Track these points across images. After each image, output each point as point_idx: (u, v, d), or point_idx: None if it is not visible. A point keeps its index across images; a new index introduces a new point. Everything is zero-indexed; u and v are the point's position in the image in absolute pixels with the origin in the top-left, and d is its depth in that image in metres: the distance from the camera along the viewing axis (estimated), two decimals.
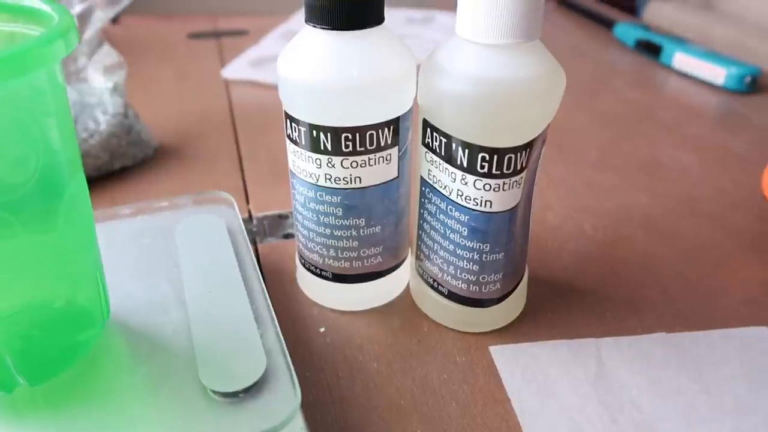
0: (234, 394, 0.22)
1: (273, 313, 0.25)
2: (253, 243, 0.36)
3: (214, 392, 0.22)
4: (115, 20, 0.71)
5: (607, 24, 0.76)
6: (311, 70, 0.24)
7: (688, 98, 0.58)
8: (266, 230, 0.37)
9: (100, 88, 0.41)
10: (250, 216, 0.38)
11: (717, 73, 0.59)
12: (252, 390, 0.22)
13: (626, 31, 0.71)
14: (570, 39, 0.75)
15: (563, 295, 0.32)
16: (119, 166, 0.42)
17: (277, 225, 0.38)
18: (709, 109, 0.56)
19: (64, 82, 0.21)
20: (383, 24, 0.25)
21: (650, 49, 0.67)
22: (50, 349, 0.22)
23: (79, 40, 0.19)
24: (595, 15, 0.79)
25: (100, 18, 0.40)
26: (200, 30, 0.75)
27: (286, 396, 0.22)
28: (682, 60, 0.63)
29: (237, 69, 0.60)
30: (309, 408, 0.25)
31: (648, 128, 0.52)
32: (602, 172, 0.44)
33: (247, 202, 0.40)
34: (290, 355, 0.23)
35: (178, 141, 0.48)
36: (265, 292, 0.26)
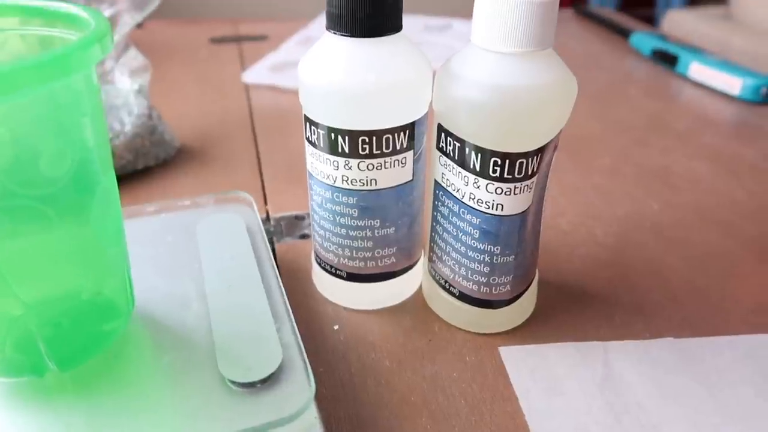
0: (251, 385, 0.23)
1: (289, 308, 0.26)
2: (271, 242, 0.37)
3: (232, 382, 0.23)
4: (140, 25, 0.73)
5: (624, 33, 0.76)
6: (331, 75, 0.25)
7: (703, 108, 0.59)
8: (283, 230, 0.38)
9: (125, 89, 0.43)
10: (268, 216, 0.40)
11: (733, 84, 0.59)
12: (268, 381, 0.23)
13: (643, 40, 0.71)
14: (587, 48, 0.76)
15: (573, 299, 0.33)
16: (142, 166, 0.43)
17: (294, 225, 0.39)
18: (724, 119, 0.57)
19: (98, 84, 0.22)
20: (401, 32, 0.26)
21: (666, 59, 0.67)
22: (78, 337, 0.23)
23: (114, 44, 0.20)
24: (612, 24, 0.80)
25: (127, 22, 0.41)
26: (222, 35, 0.77)
27: (300, 387, 0.23)
28: (698, 70, 0.63)
29: (257, 73, 0.61)
30: (322, 402, 0.26)
31: (662, 137, 0.52)
32: (615, 180, 0.45)
33: (265, 202, 0.41)
34: (305, 351, 0.24)
35: (199, 142, 0.49)
36: (282, 288, 0.27)
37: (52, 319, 0.23)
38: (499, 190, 0.25)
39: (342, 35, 0.25)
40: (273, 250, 0.36)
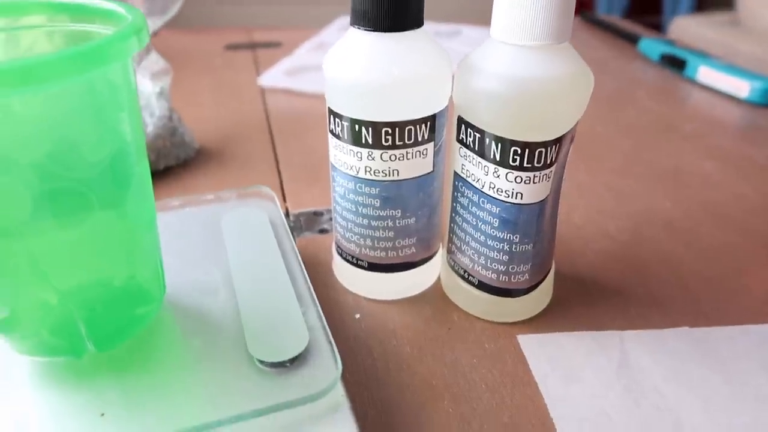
0: (280, 364, 0.23)
1: (314, 294, 0.27)
2: (290, 231, 0.38)
3: (262, 362, 0.23)
4: (154, 34, 0.74)
5: (632, 39, 0.77)
6: (355, 68, 0.26)
7: (712, 110, 0.59)
8: (303, 225, 0.39)
9: (147, 92, 0.44)
10: (287, 213, 0.40)
11: (740, 87, 0.60)
12: (296, 361, 0.24)
13: (651, 45, 0.72)
14: (595, 54, 0.77)
15: (588, 291, 0.33)
16: (164, 166, 0.44)
17: (313, 221, 0.39)
18: (732, 122, 0.57)
19: (134, 77, 0.23)
20: (422, 27, 0.27)
21: (675, 63, 0.68)
22: (113, 320, 0.24)
23: (149, 37, 0.21)
24: (619, 31, 0.81)
25: (149, 26, 0.42)
26: (236, 42, 0.79)
27: (327, 366, 0.23)
28: (706, 73, 0.64)
29: (273, 77, 0.63)
30: (347, 386, 0.26)
31: (671, 139, 0.53)
32: (625, 179, 0.46)
33: (284, 199, 0.42)
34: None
35: (217, 144, 0.50)
36: (306, 275, 0.28)
37: (87, 304, 0.23)
38: (518, 179, 0.26)
39: (366, 30, 0.26)
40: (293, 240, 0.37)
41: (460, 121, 0.27)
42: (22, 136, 0.19)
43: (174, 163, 0.45)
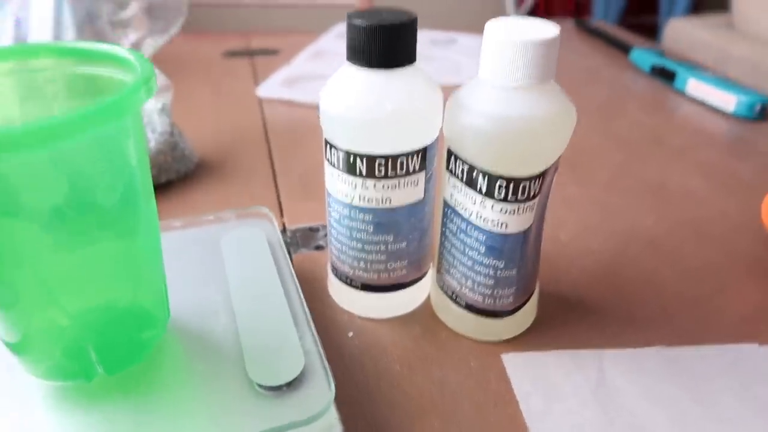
0: (277, 388, 0.25)
1: (310, 317, 0.29)
2: (287, 253, 0.39)
3: (260, 386, 0.25)
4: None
5: (624, 48, 0.78)
6: (350, 103, 0.28)
7: (700, 124, 0.61)
8: (299, 242, 0.40)
9: (149, 108, 0.45)
10: (284, 228, 0.42)
11: (728, 100, 0.61)
12: (292, 384, 0.25)
13: (642, 56, 0.73)
14: (587, 62, 0.78)
15: (571, 310, 0.35)
16: (164, 180, 0.46)
17: (309, 237, 0.41)
18: (719, 135, 0.59)
19: (141, 114, 0.25)
20: (415, 63, 0.28)
21: (665, 75, 0.69)
22: (121, 344, 0.26)
23: (154, 88, 0.23)
24: (612, 39, 0.82)
25: (151, 45, 0.43)
26: (234, 49, 0.80)
27: (322, 390, 0.25)
28: (695, 86, 0.65)
29: (270, 88, 0.64)
30: (340, 403, 0.28)
31: (659, 152, 0.54)
32: (612, 193, 0.47)
33: (281, 215, 0.44)
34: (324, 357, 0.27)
35: (217, 156, 0.52)
36: (303, 298, 0.30)
37: (97, 328, 0.25)
38: (504, 210, 0.28)
39: (361, 66, 0.27)
40: (290, 261, 0.38)
41: (450, 152, 0.29)
42: (37, 183, 0.20)
43: (174, 177, 0.46)
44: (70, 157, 0.21)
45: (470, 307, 0.31)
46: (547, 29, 0.25)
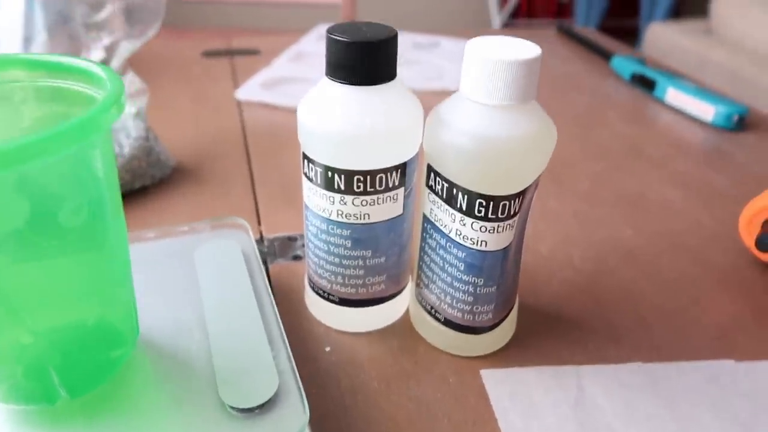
0: (250, 410, 0.24)
1: (285, 336, 0.28)
2: (264, 263, 0.38)
3: (232, 408, 0.24)
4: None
5: (605, 55, 0.79)
6: (329, 119, 0.27)
7: (678, 133, 0.61)
8: (276, 251, 0.40)
9: (124, 113, 0.44)
10: (261, 237, 0.41)
11: (706, 110, 0.62)
12: (265, 406, 0.25)
13: (622, 64, 0.74)
14: (568, 68, 0.78)
15: (550, 324, 0.35)
16: (139, 186, 0.45)
17: (287, 246, 0.40)
18: (697, 146, 0.59)
19: (110, 133, 0.24)
20: (395, 79, 0.28)
21: (645, 83, 0.70)
22: (87, 364, 0.25)
23: (124, 105, 0.22)
24: (593, 46, 0.82)
25: (127, 48, 0.42)
26: (214, 48, 0.78)
27: (295, 412, 0.24)
28: (674, 95, 0.66)
29: (250, 90, 0.63)
30: (315, 420, 0.28)
31: (638, 162, 0.55)
32: (592, 204, 0.47)
33: (259, 223, 0.43)
34: (299, 372, 0.26)
35: (194, 161, 0.51)
36: (278, 316, 0.29)
37: (61, 348, 0.24)
38: (483, 228, 0.27)
39: (341, 83, 0.27)
40: (267, 272, 0.38)
41: (430, 168, 0.28)
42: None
43: (150, 182, 0.45)
44: (34, 179, 0.20)
45: (449, 323, 0.31)
46: (529, 49, 0.25)
